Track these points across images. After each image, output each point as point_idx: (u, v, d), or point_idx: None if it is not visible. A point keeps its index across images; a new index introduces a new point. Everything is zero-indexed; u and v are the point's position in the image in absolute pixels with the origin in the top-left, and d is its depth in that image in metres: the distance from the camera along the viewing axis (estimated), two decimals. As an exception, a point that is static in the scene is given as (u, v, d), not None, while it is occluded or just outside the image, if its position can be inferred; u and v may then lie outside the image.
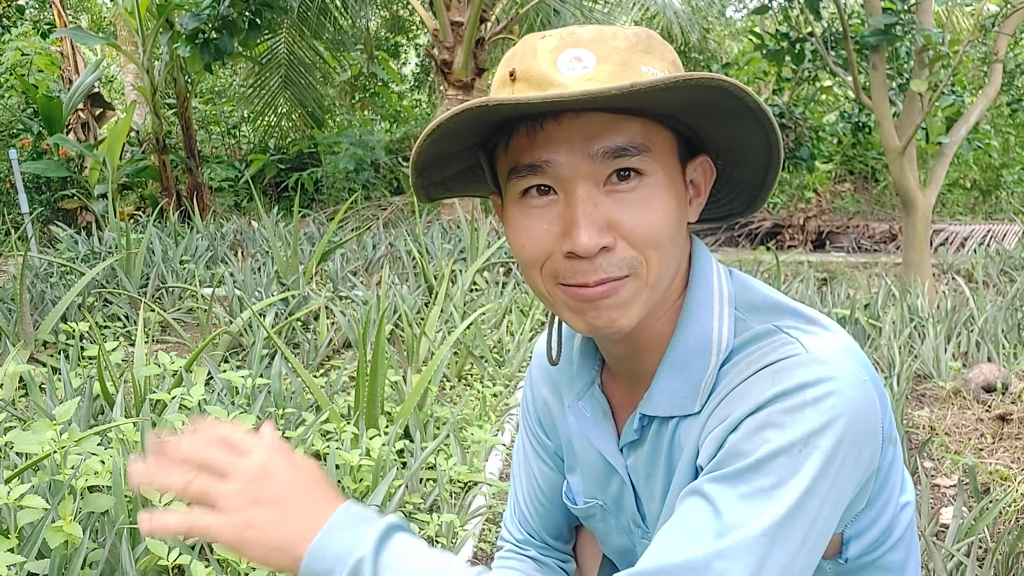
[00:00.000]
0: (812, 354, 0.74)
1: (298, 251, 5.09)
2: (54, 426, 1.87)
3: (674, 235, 0.77)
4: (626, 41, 0.75)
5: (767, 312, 0.81)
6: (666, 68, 0.76)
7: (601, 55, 0.74)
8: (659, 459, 0.85)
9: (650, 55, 0.75)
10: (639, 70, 0.73)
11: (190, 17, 5.90)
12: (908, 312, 4.22)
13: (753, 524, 0.68)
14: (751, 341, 0.79)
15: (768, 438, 0.70)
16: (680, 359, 0.81)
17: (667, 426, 0.83)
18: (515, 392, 3.43)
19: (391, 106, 12.74)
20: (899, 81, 6.45)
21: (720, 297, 0.82)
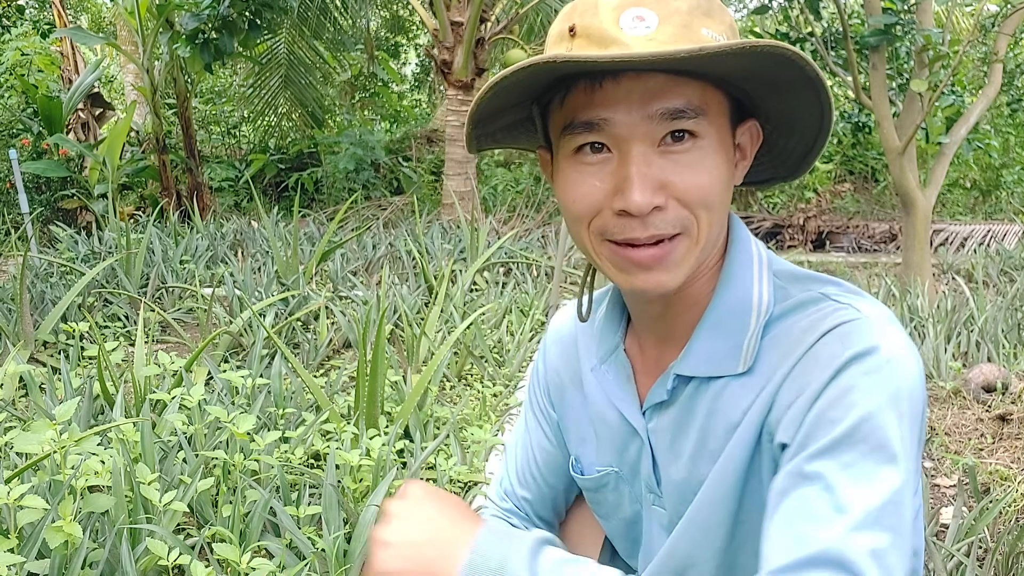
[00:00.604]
0: (870, 319, 0.75)
1: (298, 251, 5.09)
2: (54, 426, 1.87)
3: (723, 196, 0.79)
4: (687, 3, 0.75)
5: (807, 281, 0.83)
6: (724, 32, 0.76)
7: (663, 15, 0.74)
8: (691, 422, 0.84)
9: (710, 18, 0.76)
10: (700, 32, 0.74)
11: (190, 17, 5.90)
12: (908, 312, 4.22)
13: (872, 492, 0.67)
14: (798, 307, 0.80)
15: (855, 401, 0.70)
16: (720, 319, 0.82)
17: (705, 388, 0.83)
18: (515, 392, 3.43)
19: (391, 106, 12.74)
20: (899, 81, 6.44)
21: (760, 261, 0.84)
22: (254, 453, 2.25)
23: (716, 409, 0.82)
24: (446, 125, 7.70)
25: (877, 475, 0.68)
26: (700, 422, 0.84)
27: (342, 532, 1.97)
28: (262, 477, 2.25)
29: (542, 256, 5.84)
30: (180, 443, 2.27)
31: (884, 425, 0.69)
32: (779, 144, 0.88)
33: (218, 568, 1.80)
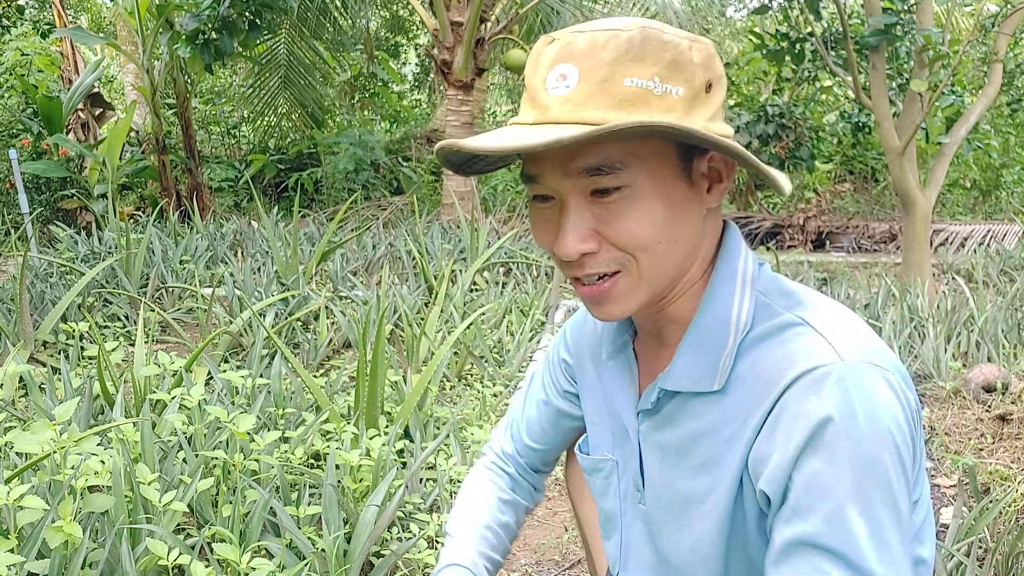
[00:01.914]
0: (846, 362, 0.75)
1: (298, 251, 5.09)
2: (54, 426, 1.87)
3: (669, 234, 0.79)
4: (615, 51, 0.74)
5: (793, 299, 0.83)
6: (655, 75, 0.74)
7: (585, 71, 0.75)
8: (675, 434, 0.87)
9: (639, 63, 0.74)
10: (621, 84, 0.74)
11: (190, 18, 5.90)
12: (908, 312, 4.22)
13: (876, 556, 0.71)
14: (777, 331, 0.80)
15: (833, 486, 0.72)
16: (700, 337, 0.84)
17: (689, 402, 0.85)
18: (515, 392, 3.43)
19: (391, 106, 12.74)
20: (899, 81, 6.44)
21: (743, 278, 0.84)
22: (254, 453, 2.25)
23: (699, 427, 0.84)
24: (446, 125, 7.69)
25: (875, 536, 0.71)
26: (683, 435, 0.86)
27: (342, 532, 1.97)
28: (262, 477, 2.25)
29: (542, 256, 5.84)
30: (180, 443, 2.27)
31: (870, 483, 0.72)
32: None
33: (218, 568, 1.80)
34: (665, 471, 0.89)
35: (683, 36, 0.77)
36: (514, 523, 1.16)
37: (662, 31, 0.76)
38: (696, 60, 0.76)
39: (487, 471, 1.19)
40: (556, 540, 2.40)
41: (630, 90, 0.74)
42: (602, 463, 0.99)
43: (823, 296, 0.85)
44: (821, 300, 0.83)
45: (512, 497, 1.17)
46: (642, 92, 0.74)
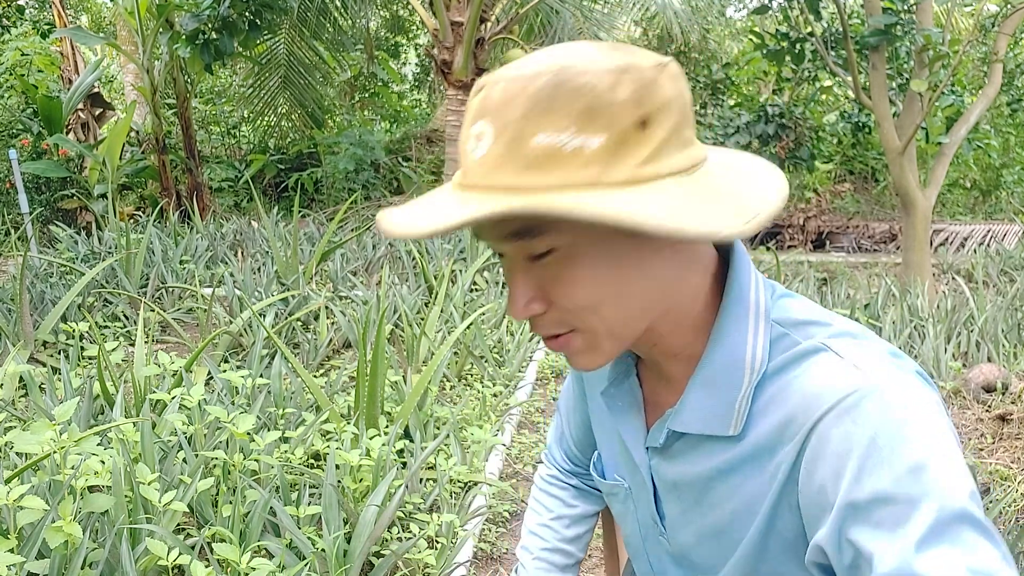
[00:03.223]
0: (874, 380, 0.71)
1: (298, 251, 5.09)
2: (54, 426, 1.87)
3: (617, 290, 0.73)
4: (525, 104, 0.67)
5: (812, 327, 0.78)
6: (567, 127, 0.66)
7: (497, 128, 0.68)
8: (689, 470, 0.84)
9: (550, 115, 0.66)
10: (530, 143, 0.66)
11: (190, 18, 5.90)
12: (908, 312, 4.22)
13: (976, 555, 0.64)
14: (796, 360, 0.76)
15: (902, 480, 0.67)
16: (712, 376, 0.79)
17: (701, 444, 0.82)
18: (515, 392, 3.43)
19: (391, 106, 12.74)
20: (899, 81, 6.44)
21: (756, 312, 0.79)
22: (254, 453, 2.25)
23: (716, 466, 0.81)
24: (446, 125, 7.70)
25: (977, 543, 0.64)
26: (699, 474, 0.83)
27: (342, 532, 1.97)
28: (262, 477, 2.25)
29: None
30: (180, 443, 2.27)
31: (936, 487, 0.66)
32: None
33: (218, 568, 1.80)
34: (687, 510, 0.85)
35: (609, 69, 0.67)
36: (586, 531, 1.16)
37: (581, 71, 0.67)
38: (623, 97, 0.66)
39: (550, 486, 1.17)
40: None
41: (540, 148, 0.66)
42: (616, 488, 0.96)
43: (833, 313, 0.81)
44: (841, 322, 0.79)
45: (578, 509, 1.15)
46: (554, 149, 0.66)
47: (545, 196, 0.65)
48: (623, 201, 0.64)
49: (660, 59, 0.70)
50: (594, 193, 0.65)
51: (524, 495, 2.65)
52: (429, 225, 0.66)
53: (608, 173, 0.66)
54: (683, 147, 0.70)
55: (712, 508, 0.82)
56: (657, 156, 0.68)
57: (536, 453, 2.94)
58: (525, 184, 0.66)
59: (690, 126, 0.72)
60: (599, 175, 0.66)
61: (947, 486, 0.65)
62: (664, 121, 0.68)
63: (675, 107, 0.69)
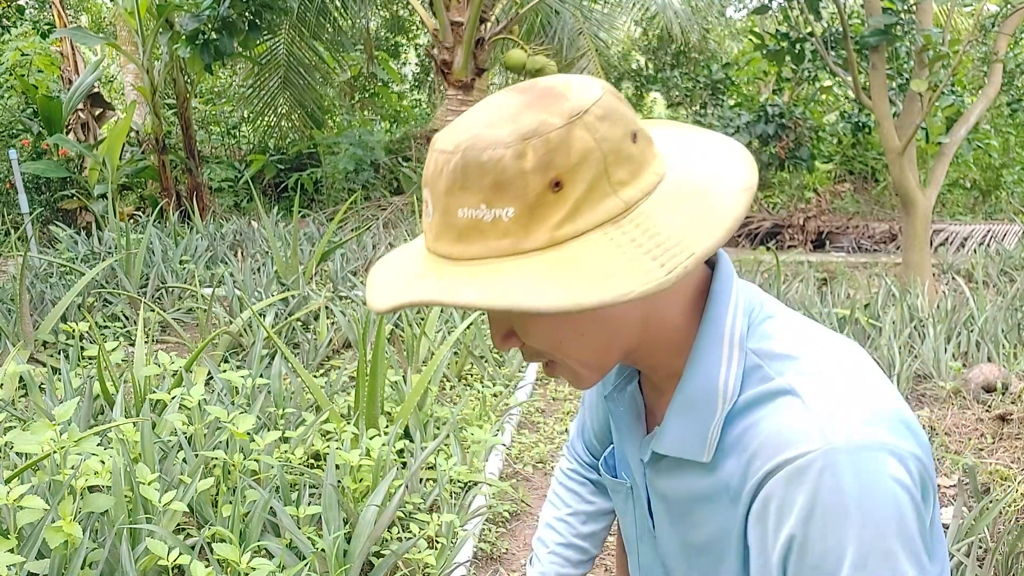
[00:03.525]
0: (832, 447, 0.70)
1: (298, 251, 5.09)
2: (54, 426, 1.87)
3: (575, 330, 0.76)
4: (446, 182, 0.71)
5: (786, 359, 0.77)
6: (480, 202, 0.69)
7: (433, 200, 0.73)
8: (675, 487, 0.86)
9: (465, 191, 0.70)
10: (456, 216, 0.70)
11: (190, 18, 5.90)
12: (908, 312, 4.22)
13: None
14: (766, 398, 0.76)
15: (831, 564, 0.69)
16: (688, 401, 0.80)
17: (683, 466, 0.83)
18: (515, 392, 3.43)
19: (391, 106, 12.74)
20: (899, 81, 6.45)
21: (731, 340, 0.79)
22: (254, 453, 2.25)
23: (696, 491, 0.82)
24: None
25: None
26: (682, 495, 0.84)
27: (342, 532, 1.97)
28: (262, 477, 2.25)
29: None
30: (180, 443, 2.27)
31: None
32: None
33: (218, 568, 1.80)
34: (673, 522, 0.87)
35: (513, 140, 0.68)
36: (602, 528, 1.17)
37: (484, 147, 0.69)
38: (529, 167, 0.68)
39: (568, 480, 1.19)
40: (556, 540, 2.40)
41: (464, 221, 0.70)
42: (619, 486, 0.98)
43: (825, 343, 0.79)
44: (820, 356, 0.77)
45: (595, 506, 1.16)
46: (474, 222, 0.70)
47: (454, 281, 0.69)
48: (530, 275, 0.67)
49: (578, 106, 0.70)
50: (509, 263, 0.68)
51: (524, 495, 2.65)
52: (384, 304, 0.72)
53: (526, 240, 0.69)
54: (613, 192, 0.70)
55: (693, 527, 0.84)
56: (576, 214, 0.69)
57: (536, 453, 2.94)
58: (457, 254, 0.71)
59: (625, 164, 0.71)
60: (516, 243, 0.69)
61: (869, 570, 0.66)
62: (580, 177, 0.69)
63: (593, 159, 0.69)
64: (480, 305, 0.67)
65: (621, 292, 0.65)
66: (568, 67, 9.17)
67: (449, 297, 0.68)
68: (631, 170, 0.72)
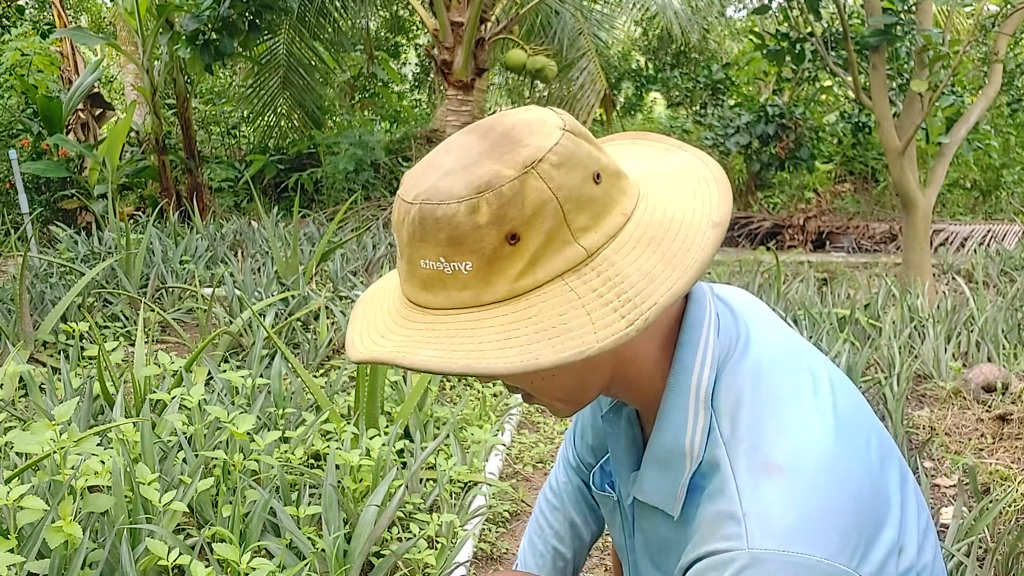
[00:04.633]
0: (753, 552, 0.69)
1: (298, 251, 5.09)
2: (54, 426, 1.87)
3: (546, 377, 0.77)
4: (407, 233, 0.71)
5: (737, 428, 0.76)
6: (439, 255, 0.69)
7: (400, 248, 0.74)
8: (651, 528, 0.87)
9: (424, 244, 0.70)
10: (419, 266, 0.71)
11: (190, 18, 5.90)
12: (908, 312, 4.22)
13: None
14: (710, 475, 0.76)
15: None
16: (660, 455, 0.80)
17: (658, 516, 0.84)
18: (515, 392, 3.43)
19: (391, 106, 12.74)
20: (899, 81, 6.45)
21: (696, 395, 0.77)
22: (254, 453, 2.25)
23: (666, 538, 0.83)
24: (446, 125, 7.69)
25: None
26: (656, 537, 0.86)
27: (342, 532, 1.97)
28: (262, 477, 2.25)
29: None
30: (180, 443, 2.27)
31: None
32: None
33: (218, 568, 1.80)
34: (645, 554, 0.89)
35: (467, 195, 0.67)
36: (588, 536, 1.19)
37: (439, 202, 0.68)
38: (482, 221, 0.67)
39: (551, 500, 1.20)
40: (556, 540, 2.40)
41: (426, 272, 0.71)
42: (606, 499, 0.99)
43: (792, 399, 0.76)
44: (777, 431, 0.74)
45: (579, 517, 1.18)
46: (435, 273, 0.70)
47: (418, 337, 0.70)
48: (489, 333, 0.67)
49: (532, 155, 0.68)
50: (471, 314, 0.69)
51: (524, 495, 2.65)
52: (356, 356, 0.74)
53: (485, 292, 0.69)
54: (574, 239, 0.69)
55: (660, 568, 0.86)
56: (535, 265, 0.68)
57: (536, 453, 2.94)
58: (423, 301, 0.72)
59: (586, 209, 0.69)
60: (477, 295, 0.69)
61: None
62: (536, 228, 0.68)
63: (549, 209, 0.68)
64: (438, 370, 0.67)
65: (579, 350, 0.64)
66: (568, 67, 9.16)
67: (409, 360, 0.69)
68: (593, 214, 0.70)
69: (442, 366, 0.67)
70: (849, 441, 0.75)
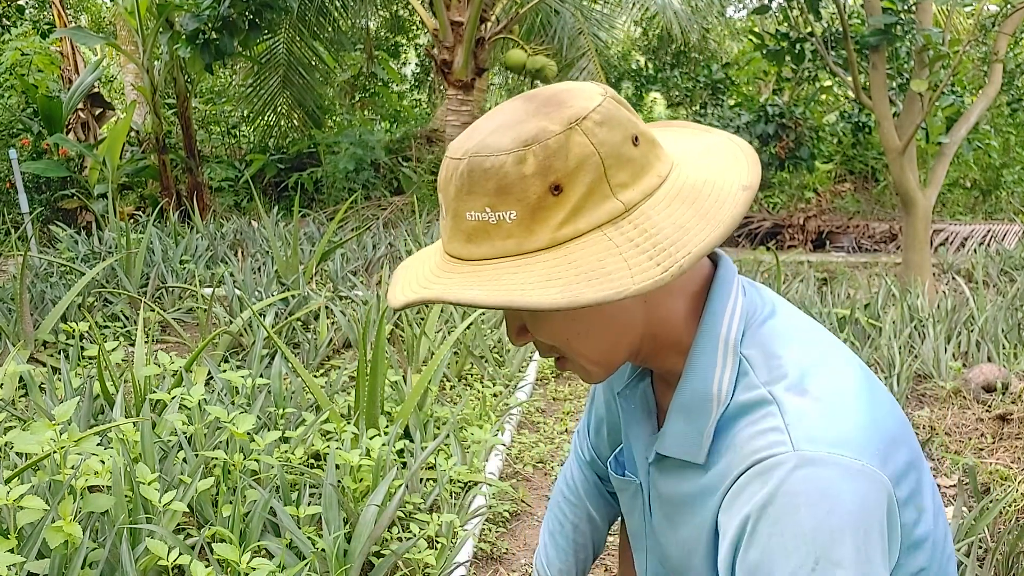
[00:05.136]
0: (800, 453, 0.72)
1: (298, 251, 5.09)
2: (54, 426, 1.87)
3: (576, 328, 0.80)
4: (455, 187, 0.76)
5: (775, 368, 0.79)
6: (485, 205, 0.74)
7: (445, 205, 0.78)
8: (672, 488, 0.88)
9: (472, 196, 0.74)
10: (465, 219, 0.75)
11: (190, 18, 5.90)
12: (908, 312, 4.22)
13: None
14: (747, 410, 0.78)
15: (774, 560, 0.71)
16: (685, 404, 0.82)
17: (683, 471, 0.85)
18: (515, 392, 3.43)
19: (391, 106, 12.74)
20: (899, 81, 6.45)
21: (725, 344, 0.81)
22: (254, 453, 2.25)
23: (689, 490, 0.84)
24: (446, 125, 7.69)
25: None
26: (677, 494, 0.87)
27: (342, 532, 1.97)
28: (262, 477, 2.25)
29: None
30: (180, 443, 2.27)
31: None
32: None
33: (218, 568, 1.80)
34: (664, 520, 0.90)
35: (514, 147, 0.72)
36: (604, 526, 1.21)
37: (488, 154, 0.73)
38: (528, 172, 0.72)
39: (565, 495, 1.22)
40: (556, 540, 2.40)
41: (472, 224, 0.75)
42: (628, 483, 1.00)
43: (820, 354, 0.80)
44: (809, 369, 0.78)
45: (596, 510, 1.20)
46: (481, 224, 0.74)
47: (462, 281, 0.74)
48: (531, 275, 0.71)
49: (577, 113, 0.73)
50: (511, 264, 0.73)
51: (524, 495, 2.65)
52: (398, 301, 0.78)
53: (528, 240, 0.73)
54: (613, 194, 0.73)
55: (679, 527, 0.87)
56: (576, 215, 0.73)
57: (536, 453, 2.94)
58: (466, 254, 0.76)
59: (625, 167, 0.74)
60: (520, 244, 0.73)
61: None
62: (578, 181, 0.72)
63: (591, 163, 0.72)
64: (482, 303, 0.71)
65: (617, 290, 0.68)
66: (568, 67, 9.16)
67: (454, 295, 0.73)
68: (632, 173, 0.74)
69: (487, 300, 0.71)
70: (881, 393, 0.80)
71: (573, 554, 1.18)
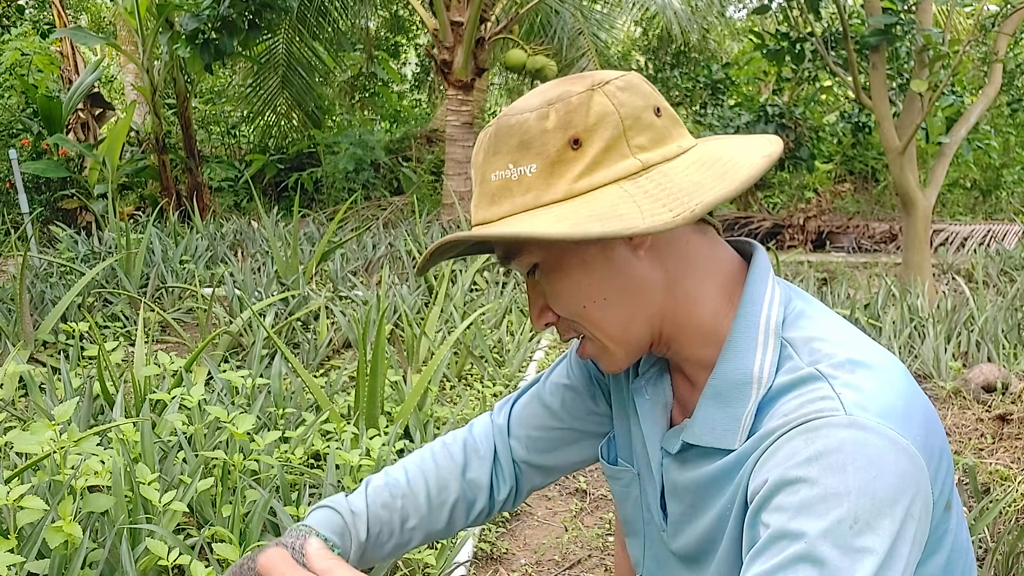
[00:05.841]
0: (851, 416, 0.70)
1: (298, 251, 5.09)
2: (54, 426, 1.87)
3: (594, 295, 0.80)
4: (482, 151, 0.80)
5: (818, 347, 0.77)
6: (509, 162, 0.77)
7: (476, 167, 0.81)
8: (694, 475, 0.85)
9: (497, 155, 0.78)
10: (490, 181, 0.79)
11: (190, 17, 5.90)
12: (908, 312, 4.22)
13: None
14: (793, 386, 0.76)
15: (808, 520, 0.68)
16: (722, 390, 0.80)
17: (711, 455, 0.82)
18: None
19: (391, 106, 12.74)
20: (899, 81, 6.44)
21: (766, 328, 0.79)
22: (254, 453, 2.25)
23: (714, 471, 0.82)
24: (446, 125, 7.69)
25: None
26: (699, 478, 0.84)
27: (342, 532, 1.97)
28: (262, 477, 2.25)
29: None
30: (180, 443, 2.27)
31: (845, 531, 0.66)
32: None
33: (218, 568, 1.80)
34: (685, 511, 0.87)
35: (538, 105, 0.76)
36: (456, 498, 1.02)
37: (514, 113, 0.77)
38: (550, 126, 0.75)
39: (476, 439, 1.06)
40: (556, 540, 2.40)
41: (496, 184, 0.78)
42: (622, 472, 0.98)
43: (861, 339, 0.79)
44: (851, 351, 0.76)
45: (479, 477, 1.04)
46: (504, 183, 0.77)
47: (476, 230, 0.78)
48: (544, 216, 0.74)
49: (601, 79, 0.77)
50: (527, 214, 0.75)
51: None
52: (419, 267, 0.85)
53: (546, 193, 0.76)
54: (631, 153, 0.76)
55: (703, 512, 0.84)
56: (593, 169, 0.75)
57: (536, 453, 2.93)
58: (488, 216, 0.79)
59: (646, 131, 0.77)
60: (538, 196, 0.76)
61: (840, 535, 0.65)
62: (597, 136, 0.75)
63: (611, 120, 0.75)
64: (490, 234, 0.74)
65: (625, 226, 0.70)
66: (568, 67, 9.16)
67: (465, 235, 0.77)
68: (652, 138, 0.77)
69: (498, 231, 0.74)
70: (917, 385, 0.80)
71: (392, 501, 0.99)
